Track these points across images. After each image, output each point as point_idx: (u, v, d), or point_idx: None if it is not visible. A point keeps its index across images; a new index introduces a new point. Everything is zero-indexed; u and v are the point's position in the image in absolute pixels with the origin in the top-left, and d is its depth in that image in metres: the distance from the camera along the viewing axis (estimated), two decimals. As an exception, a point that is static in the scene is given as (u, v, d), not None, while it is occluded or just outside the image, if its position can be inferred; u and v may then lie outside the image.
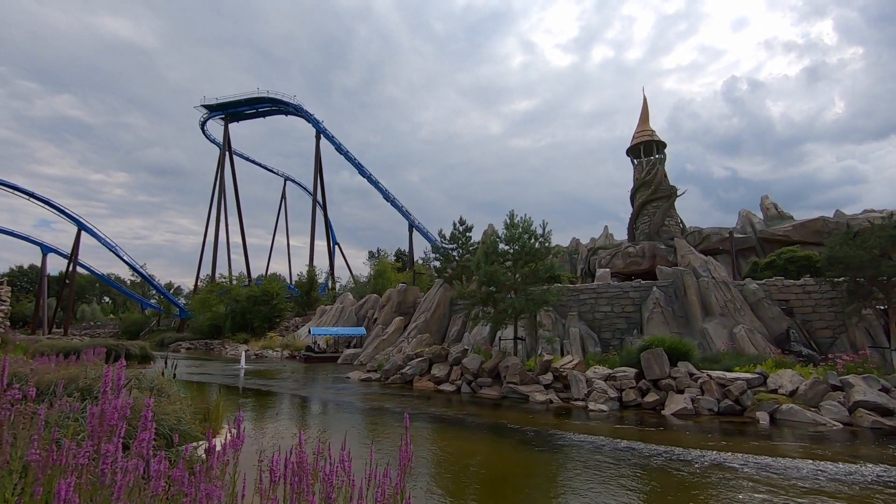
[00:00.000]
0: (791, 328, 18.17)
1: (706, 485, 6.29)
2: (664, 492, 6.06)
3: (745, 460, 7.39)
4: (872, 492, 5.99)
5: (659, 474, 6.76)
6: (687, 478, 6.58)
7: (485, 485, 6.58)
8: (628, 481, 6.46)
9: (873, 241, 15.84)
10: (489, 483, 6.69)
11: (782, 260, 24.30)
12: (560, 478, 6.89)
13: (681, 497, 5.86)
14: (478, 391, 16.21)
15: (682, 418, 12.10)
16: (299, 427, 10.16)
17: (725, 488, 6.14)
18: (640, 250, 30.10)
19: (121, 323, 66.34)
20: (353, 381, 19.77)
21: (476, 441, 9.48)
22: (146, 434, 1.81)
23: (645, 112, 35.18)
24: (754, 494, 5.87)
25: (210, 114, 68.10)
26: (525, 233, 18.26)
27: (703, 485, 6.29)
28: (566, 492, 6.24)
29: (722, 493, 5.98)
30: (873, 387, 12.41)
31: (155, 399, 7.19)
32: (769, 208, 31.60)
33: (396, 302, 32.21)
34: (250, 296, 46.36)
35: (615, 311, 20.46)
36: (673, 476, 6.66)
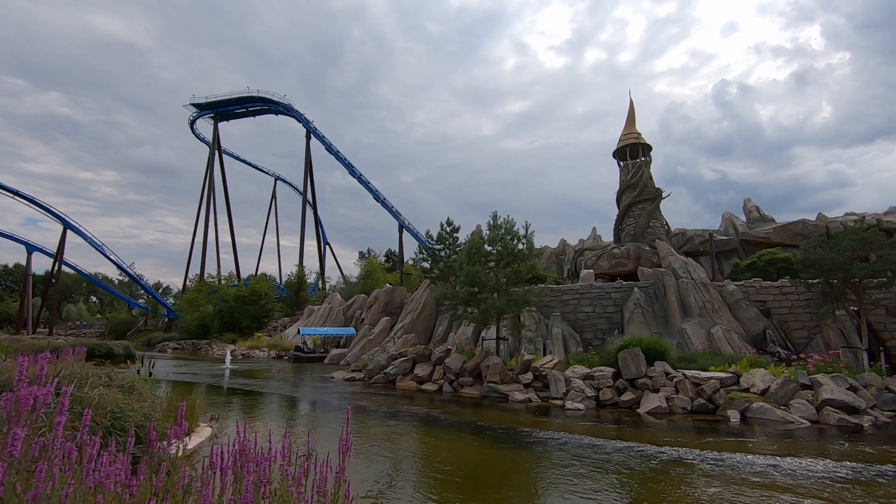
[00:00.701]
0: (768, 328, 18.52)
1: (663, 479, 6.48)
2: (619, 486, 6.24)
3: (706, 456, 7.61)
4: (821, 486, 6.21)
5: (618, 470, 6.94)
6: (646, 473, 6.77)
7: (445, 481, 6.72)
8: (586, 476, 6.64)
9: (845, 243, 16.21)
10: (449, 479, 6.84)
11: (763, 262, 24.70)
12: (520, 474, 7.05)
13: (636, 491, 6.05)
14: (459, 390, 16.37)
15: (656, 416, 12.33)
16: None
17: (681, 483, 6.34)
18: (625, 252, 30.45)
19: (107, 323, 65.70)
20: (337, 381, 19.84)
21: (445, 438, 9.60)
22: (62, 418, 1.92)
23: (631, 115, 35.58)
24: (707, 489, 6.07)
25: (199, 112, 67.72)
26: (508, 234, 18.45)
27: (660, 479, 6.48)
28: (523, 486, 6.40)
29: (676, 487, 6.18)
30: (841, 385, 12.74)
31: (124, 396, 7.27)
32: (751, 211, 32.10)
33: (383, 302, 32.29)
34: (238, 296, 46.17)
35: (597, 311, 20.72)
36: (633, 471, 6.85)
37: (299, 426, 10.33)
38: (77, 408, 5.53)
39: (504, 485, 6.47)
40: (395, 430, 10.19)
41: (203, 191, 67.14)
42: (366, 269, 51.11)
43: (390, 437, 9.48)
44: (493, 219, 19.02)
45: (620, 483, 6.35)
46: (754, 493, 5.85)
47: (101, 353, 23.20)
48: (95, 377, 7.02)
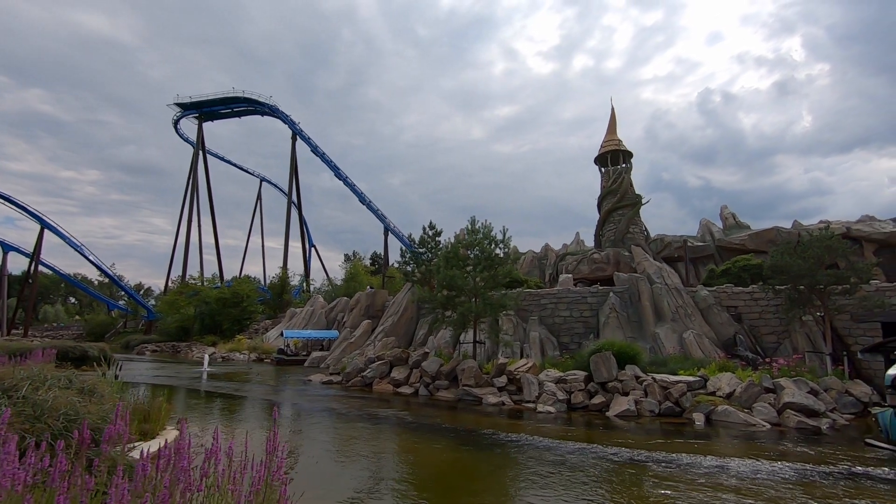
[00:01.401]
0: (738, 333, 18.94)
1: (613, 481, 6.66)
2: (568, 487, 6.40)
3: (660, 458, 7.82)
4: (764, 487, 6.44)
5: (571, 470, 7.11)
6: (598, 475, 6.95)
7: (397, 480, 6.83)
8: (539, 477, 6.79)
9: (811, 251, 16.69)
10: (406, 480, 6.94)
11: (737, 268, 25.26)
12: (475, 474, 7.18)
13: (584, 492, 6.21)
14: (434, 394, 16.47)
15: (625, 419, 12.56)
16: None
17: (631, 484, 6.52)
18: (605, 257, 30.84)
19: (85, 324, 64.48)
20: (315, 384, 19.80)
21: (407, 440, 9.68)
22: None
23: (613, 122, 36.10)
24: (655, 490, 6.26)
25: (183, 112, 67.01)
26: (486, 238, 18.64)
27: (611, 481, 6.66)
28: (471, 484, 6.53)
29: (626, 488, 6.36)
30: (802, 389, 13.13)
31: (83, 399, 7.25)
32: (727, 218, 32.77)
33: (365, 305, 32.25)
34: (220, 298, 45.68)
35: (574, 315, 20.99)
36: (585, 472, 7.02)
37: (264, 428, 10.33)
38: (28, 410, 5.53)
39: (461, 486, 6.59)
40: (361, 433, 10.26)
41: (186, 191, 66.44)
42: (349, 271, 50.96)
43: (354, 440, 9.55)
44: (471, 223, 19.20)
45: (570, 484, 6.50)
46: (700, 494, 6.06)
47: (75, 356, 22.76)
48: (54, 379, 6.99)
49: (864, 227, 27.23)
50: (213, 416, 11.98)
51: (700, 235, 32.52)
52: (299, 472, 7.09)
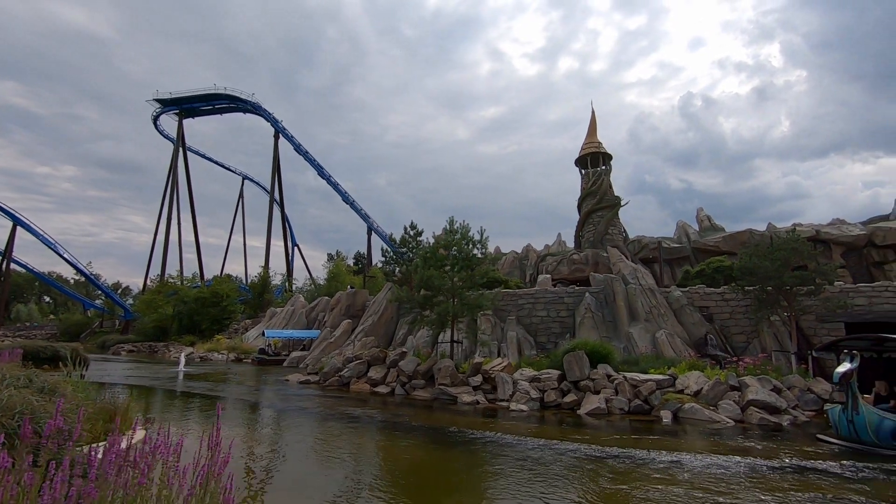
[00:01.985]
0: (709, 333, 19.39)
1: (572, 476, 6.84)
2: (530, 482, 6.55)
3: (621, 454, 8.03)
4: (715, 481, 6.67)
5: (532, 467, 7.26)
6: (557, 471, 7.11)
7: (365, 478, 6.91)
8: (502, 474, 6.93)
9: (778, 253, 17.19)
10: (369, 476, 7.02)
11: (710, 269, 25.84)
12: (440, 471, 7.29)
13: (541, 487, 6.36)
14: (411, 393, 16.54)
15: (595, 417, 12.80)
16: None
17: (588, 478, 6.71)
18: (584, 258, 31.26)
19: (60, 324, 63.01)
20: (292, 384, 19.71)
21: (376, 438, 9.75)
22: None
23: (593, 125, 36.61)
24: (611, 485, 6.44)
25: (163, 108, 65.96)
26: (463, 239, 18.78)
27: (570, 476, 6.84)
28: (434, 480, 6.65)
29: (583, 482, 6.53)
30: (766, 387, 13.53)
31: (42, 399, 7.18)
32: (703, 220, 33.49)
33: (345, 305, 32.17)
34: (199, 297, 45.07)
35: (551, 315, 21.26)
36: (546, 469, 7.18)
37: (235, 427, 10.30)
38: (-19, 409, 5.47)
39: (427, 483, 6.70)
40: (332, 433, 10.29)
41: (166, 188, 65.39)
42: (332, 271, 50.72)
43: (324, 439, 9.59)
44: (449, 223, 19.33)
45: (531, 480, 6.65)
46: (652, 488, 6.26)
47: (46, 356, 22.30)
48: (13, 379, 6.91)
49: (833, 230, 28.09)
50: (183, 416, 11.89)
51: (676, 237, 33.17)
52: (266, 471, 7.12)
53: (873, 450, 8.10)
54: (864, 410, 8.11)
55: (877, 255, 26.11)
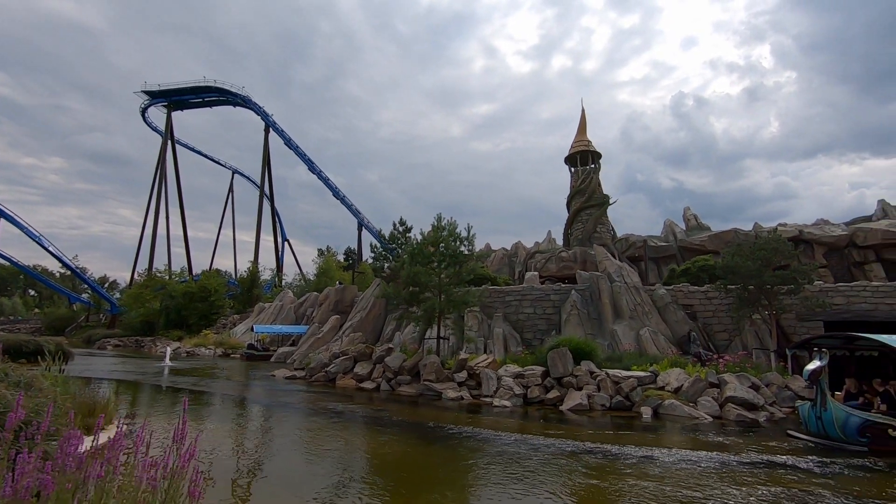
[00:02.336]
0: (692, 331, 19.67)
1: (547, 471, 6.95)
2: (505, 477, 6.65)
3: (597, 449, 8.17)
4: (685, 474, 6.83)
5: (507, 462, 7.37)
6: (534, 465, 7.22)
7: (340, 473, 6.98)
8: (476, 466, 7.04)
9: (759, 253, 17.46)
10: (345, 471, 7.09)
11: (696, 268, 26.15)
12: (414, 465, 7.37)
13: (512, 481, 6.47)
14: (396, 389, 16.61)
15: (577, 413, 12.96)
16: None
17: (562, 473, 6.83)
18: (572, 255, 31.48)
19: (45, 318, 62.19)
20: (278, 379, 19.69)
21: (357, 433, 9.82)
22: None
23: (583, 123, 36.78)
24: (584, 480, 6.56)
25: (152, 100, 65.14)
26: (450, 236, 18.84)
27: (544, 471, 6.95)
28: (406, 473, 6.73)
29: (556, 477, 6.65)
30: (744, 384, 13.78)
31: (15, 393, 7.15)
32: (690, 219, 33.85)
33: (334, 301, 32.14)
34: (187, 292, 44.72)
35: (537, 312, 21.42)
36: (520, 464, 7.29)
37: (215, 423, 10.31)
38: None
39: (401, 477, 6.77)
40: (314, 428, 10.33)
41: (154, 182, 64.66)
42: (321, 266, 50.57)
43: (308, 435, 9.63)
44: (437, 220, 19.37)
45: (506, 475, 6.76)
46: (623, 482, 6.39)
47: (29, 350, 22.08)
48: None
49: (816, 230, 28.54)
50: (163, 411, 11.86)
51: (664, 236, 33.51)
52: (243, 465, 7.16)
53: (840, 445, 8.32)
54: (831, 407, 8.32)
55: (857, 256, 26.59)
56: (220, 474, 6.44)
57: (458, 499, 5.86)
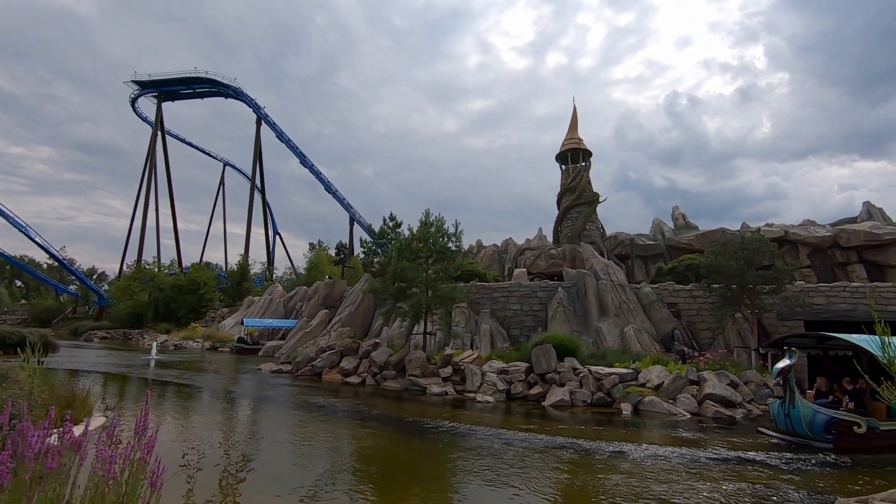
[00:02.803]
0: (676, 329, 19.92)
1: (520, 465, 7.07)
2: (477, 470, 6.76)
3: (572, 444, 8.30)
4: (653, 469, 6.97)
5: (480, 455, 7.48)
6: (509, 459, 7.34)
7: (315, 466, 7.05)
8: (450, 460, 7.14)
9: (742, 252, 17.70)
10: (319, 464, 7.16)
11: (682, 266, 26.40)
12: (388, 459, 7.46)
13: (483, 474, 6.58)
14: (381, 383, 16.69)
15: (559, 409, 13.12)
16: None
17: (534, 467, 6.94)
18: (561, 252, 31.68)
19: (31, 309, 61.56)
20: (264, 373, 19.70)
21: (335, 427, 9.88)
22: None
23: (574, 121, 36.94)
24: (554, 474, 6.68)
25: (142, 91, 64.37)
26: (438, 232, 18.90)
27: (518, 465, 7.06)
28: (381, 466, 6.82)
29: (527, 471, 6.77)
30: (723, 381, 14.01)
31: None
32: (678, 218, 34.16)
33: (323, 295, 32.12)
34: (176, 284, 44.46)
35: (524, 309, 21.57)
36: (494, 457, 7.40)
37: (195, 416, 10.33)
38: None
39: (372, 471, 6.86)
40: (292, 422, 10.39)
41: (144, 173, 64.03)
42: (312, 261, 50.46)
43: (287, 428, 9.69)
44: (425, 216, 19.41)
45: (478, 469, 6.86)
46: (591, 476, 6.52)
47: (13, 342, 21.92)
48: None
49: (801, 231, 28.91)
50: (153, 406, 11.84)
51: (652, 234, 33.79)
52: (215, 457, 7.20)
53: (807, 442, 8.52)
54: (799, 405, 8.51)
55: (840, 256, 26.99)
56: (193, 468, 6.48)
57: (428, 489, 5.95)
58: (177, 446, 7.55)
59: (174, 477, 5.95)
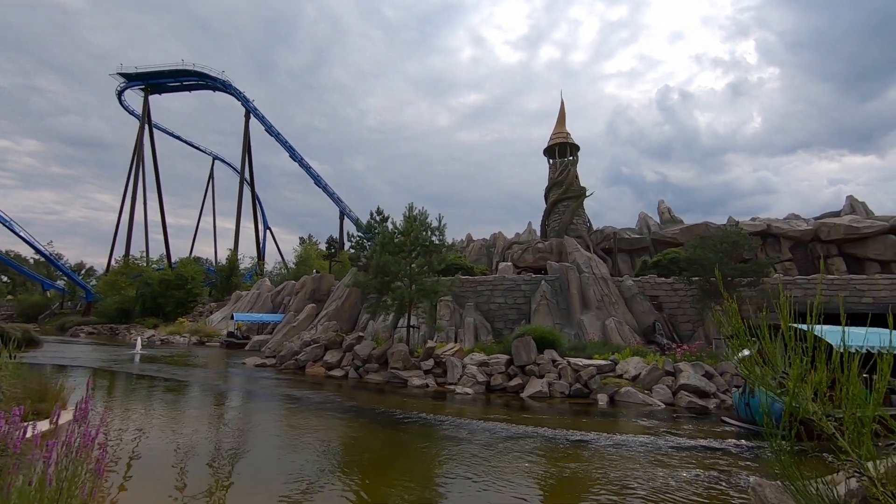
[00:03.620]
0: (657, 321, 20.18)
1: (483, 454, 7.20)
2: (442, 459, 6.89)
3: (538, 433, 8.46)
4: (614, 457, 7.14)
5: (448, 444, 7.62)
6: (474, 449, 7.47)
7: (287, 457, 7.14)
8: (416, 449, 7.26)
9: (721, 245, 17.94)
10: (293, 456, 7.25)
11: (666, 259, 26.69)
12: (354, 447, 7.58)
13: (453, 462, 6.71)
14: (364, 376, 16.79)
15: (537, 400, 13.30)
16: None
17: (498, 455, 7.09)
18: (548, 246, 31.83)
19: (18, 305, 60.94)
20: (248, 367, 19.74)
21: (307, 419, 9.96)
22: None
23: (562, 115, 37.00)
24: (516, 462, 6.82)
25: (128, 83, 63.54)
26: (421, 226, 18.96)
27: (481, 454, 7.20)
28: (349, 455, 6.93)
29: (489, 459, 6.91)
30: (698, 372, 14.26)
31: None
32: (664, 212, 34.45)
33: (311, 289, 32.11)
34: (163, 279, 44.21)
35: (508, 302, 21.74)
36: (461, 446, 7.54)
37: (164, 408, 10.38)
38: None
39: (342, 459, 6.96)
40: (268, 414, 10.47)
41: (131, 167, 63.35)
42: (300, 255, 50.35)
43: (258, 419, 9.77)
44: (408, 210, 19.46)
45: (444, 457, 7.00)
46: (551, 464, 6.68)
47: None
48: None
49: (783, 224, 29.29)
50: (124, 398, 11.87)
51: (638, 228, 34.07)
52: (181, 447, 7.27)
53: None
54: (758, 393, 8.71)
55: (821, 250, 27.40)
56: (152, 459, 6.56)
57: (392, 478, 6.06)
58: (129, 436, 7.64)
59: (121, 466, 6.02)
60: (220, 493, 5.49)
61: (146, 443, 7.42)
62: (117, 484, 5.62)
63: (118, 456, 6.63)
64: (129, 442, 7.59)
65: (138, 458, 6.66)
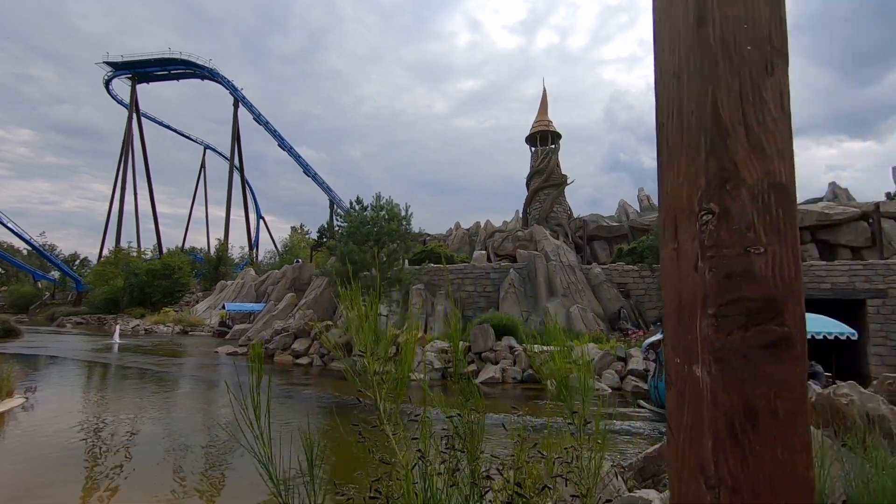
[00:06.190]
0: (623, 308, 20.45)
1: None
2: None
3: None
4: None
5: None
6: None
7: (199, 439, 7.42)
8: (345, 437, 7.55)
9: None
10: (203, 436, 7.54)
11: (642, 247, 26.87)
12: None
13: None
14: (328, 364, 17.13)
15: (489, 386, 13.62)
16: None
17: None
18: (528, 234, 31.99)
19: (9, 296, 61.25)
20: (220, 356, 20.08)
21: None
22: None
23: (544, 103, 36.90)
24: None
25: (115, 72, 63.12)
26: (388, 215, 19.15)
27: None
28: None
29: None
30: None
31: None
32: (643, 200, 34.56)
33: (291, 279, 32.39)
34: (150, 269, 44.45)
35: (478, 290, 21.98)
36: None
37: (111, 394, 10.67)
38: None
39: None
40: (219, 401, 10.77)
41: (121, 157, 63.24)
42: (288, 244, 50.54)
43: (201, 406, 10.07)
44: (375, 199, 19.64)
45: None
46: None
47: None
48: None
49: (759, 211, 29.39)
50: (75, 385, 12.17)
51: (617, 216, 34.21)
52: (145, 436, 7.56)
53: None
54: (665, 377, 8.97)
55: (795, 236, 27.53)
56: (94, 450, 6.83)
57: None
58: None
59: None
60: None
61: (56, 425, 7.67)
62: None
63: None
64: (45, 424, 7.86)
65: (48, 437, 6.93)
